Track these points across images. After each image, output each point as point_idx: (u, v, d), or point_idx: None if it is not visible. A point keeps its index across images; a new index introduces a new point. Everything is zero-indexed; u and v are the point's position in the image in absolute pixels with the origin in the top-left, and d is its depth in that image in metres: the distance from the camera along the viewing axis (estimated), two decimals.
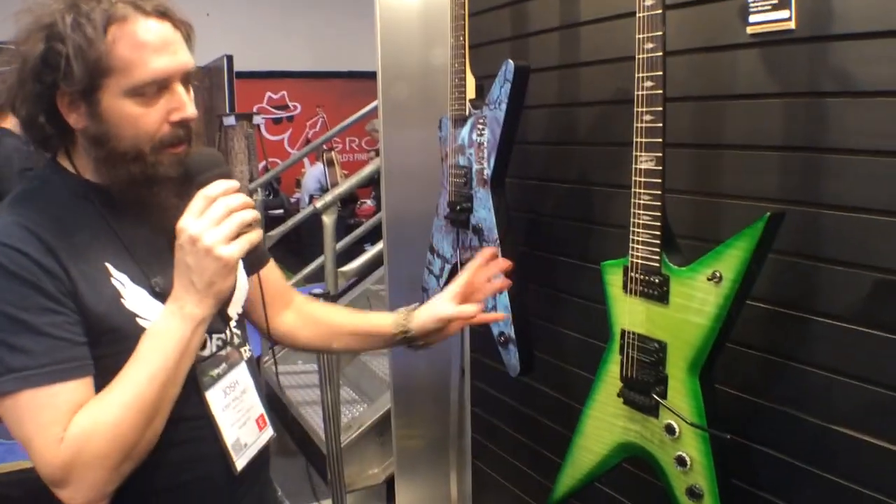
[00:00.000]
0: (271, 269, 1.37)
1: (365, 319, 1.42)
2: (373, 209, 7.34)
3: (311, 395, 3.54)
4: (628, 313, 1.30)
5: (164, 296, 1.03)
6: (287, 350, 3.22)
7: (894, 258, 1.13)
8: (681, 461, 1.22)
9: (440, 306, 1.35)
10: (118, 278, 1.02)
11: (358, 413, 3.29)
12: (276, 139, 10.00)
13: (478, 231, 1.68)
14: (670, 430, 1.23)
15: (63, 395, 0.94)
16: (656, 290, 1.23)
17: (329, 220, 2.67)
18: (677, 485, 1.24)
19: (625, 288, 1.30)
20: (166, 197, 1.05)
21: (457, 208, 1.72)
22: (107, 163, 1.02)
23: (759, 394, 1.34)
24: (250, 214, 1.00)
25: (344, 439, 2.81)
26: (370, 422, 3.06)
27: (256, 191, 5.25)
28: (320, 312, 1.43)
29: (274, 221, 5.77)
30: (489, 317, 1.48)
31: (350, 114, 4.83)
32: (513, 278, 1.47)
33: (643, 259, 1.25)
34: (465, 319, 1.37)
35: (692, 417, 1.19)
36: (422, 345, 1.38)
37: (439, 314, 1.35)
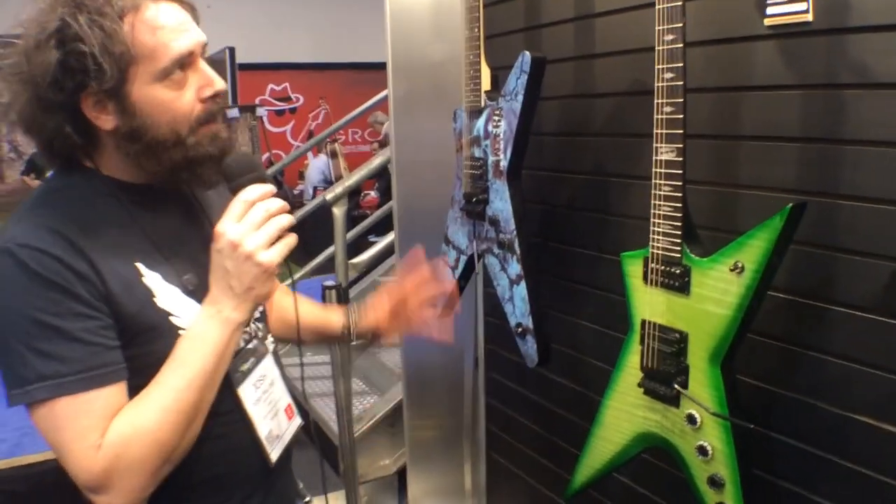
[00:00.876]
0: None
1: (322, 317, 1.42)
2: (376, 200, 7.35)
3: (321, 386, 3.55)
4: (649, 304, 1.31)
5: (197, 294, 1.04)
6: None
7: None
8: (702, 451, 1.23)
9: (377, 317, 1.40)
10: (150, 277, 1.02)
11: (369, 404, 3.30)
12: (279, 131, 10.00)
13: (494, 222, 1.69)
14: (692, 420, 1.24)
15: (99, 402, 0.94)
16: (677, 280, 1.24)
17: (339, 211, 2.67)
18: (698, 474, 1.25)
19: (645, 279, 1.31)
20: (210, 177, 1.05)
21: (473, 200, 1.73)
22: (146, 155, 1.01)
23: (779, 383, 1.35)
24: (287, 219, 1.00)
25: (356, 431, 2.83)
26: (382, 413, 3.07)
27: None
28: (290, 306, 1.40)
29: None
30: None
31: (353, 105, 4.83)
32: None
33: (664, 250, 1.25)
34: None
35: (714, 407, 1.20)
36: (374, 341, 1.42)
37: (373, 325, 1.40)
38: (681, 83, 1.18)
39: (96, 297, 0.95)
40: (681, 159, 1.20)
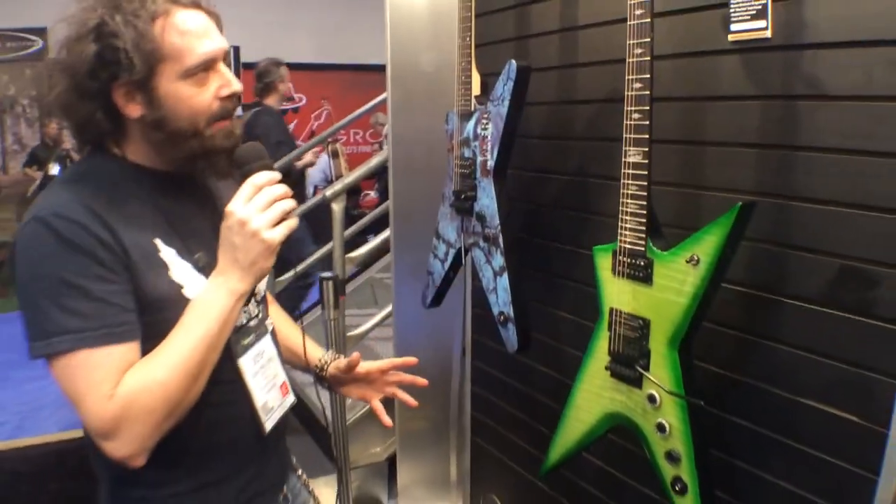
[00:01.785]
0: None
1: (297, 344, 1.50)
2: (376, 201, 7.44)
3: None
4: (616, 293, 1.42)
5: (206, 270, 1.14)
6: None
7: (857, 247, 1.23)
8: (661, 427, 1.34)
9: (345, 378, 1.52)
10: (166, 252, 1.12)
11: None
12: None
13: (481, 218, 1.80)
14: (652, 400, 1.35)
15: (114, 356, 1.03)
16: (641, 271, 1.35)
17: (338, 207, 2.78)
18: (657, 450, 1.36)
19: (613, 270, 1.42)
20: (223, 167, 1.17)
21: (461, 196, 1.84)
22: (167, 143, 1.13)
23: (735, 370, 1.45)
24: (290, 204, 1.12)
25: (348, 419, 2.92)
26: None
27: None
28: (275, 313, 1.46)
29: None
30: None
31: (355, 106, 4.87)
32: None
33: (630, 244, 1.36)
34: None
35: (671, 387, 1.31)
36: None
37: (341, 383, 1.53)
38: (647, 93, 1.28)
39: (118, 265, 1.06)
40: (647, 161, 1.31)
